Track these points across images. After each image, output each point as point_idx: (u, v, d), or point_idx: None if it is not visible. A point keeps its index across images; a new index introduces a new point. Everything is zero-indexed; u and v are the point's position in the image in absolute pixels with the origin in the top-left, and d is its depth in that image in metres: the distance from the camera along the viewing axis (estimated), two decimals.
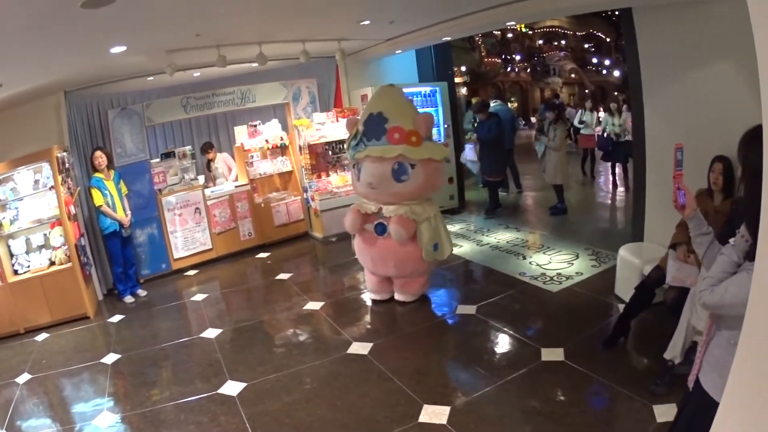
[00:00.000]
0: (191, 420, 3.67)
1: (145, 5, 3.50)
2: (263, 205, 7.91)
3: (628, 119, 8.28)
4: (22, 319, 5.58)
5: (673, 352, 3.36)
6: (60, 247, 5.81)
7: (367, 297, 5.54)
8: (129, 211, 6.30)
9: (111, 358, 4.80)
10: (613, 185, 9.87)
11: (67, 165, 6.07)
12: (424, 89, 8.53)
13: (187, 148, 7.49)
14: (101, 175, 6.05)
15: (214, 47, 5.57)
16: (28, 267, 5.78)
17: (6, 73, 4.52)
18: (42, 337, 5.49)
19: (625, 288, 4.56)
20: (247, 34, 5.47)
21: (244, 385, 4.06)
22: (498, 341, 4.45)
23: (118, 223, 6.09)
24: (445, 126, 8.59)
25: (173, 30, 4.62)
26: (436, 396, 3.65)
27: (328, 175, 8.09)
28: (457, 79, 18.97)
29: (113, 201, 6.07)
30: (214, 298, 6.22)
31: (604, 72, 29.45)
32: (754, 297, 1.24)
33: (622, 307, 4.32)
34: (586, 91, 26.17)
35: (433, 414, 3.44)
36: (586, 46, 29.96)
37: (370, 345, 4.50)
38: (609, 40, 29.06)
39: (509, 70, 26.06)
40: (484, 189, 8.88)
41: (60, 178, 5.70)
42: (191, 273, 7.14)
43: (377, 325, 5.02)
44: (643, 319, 4.16)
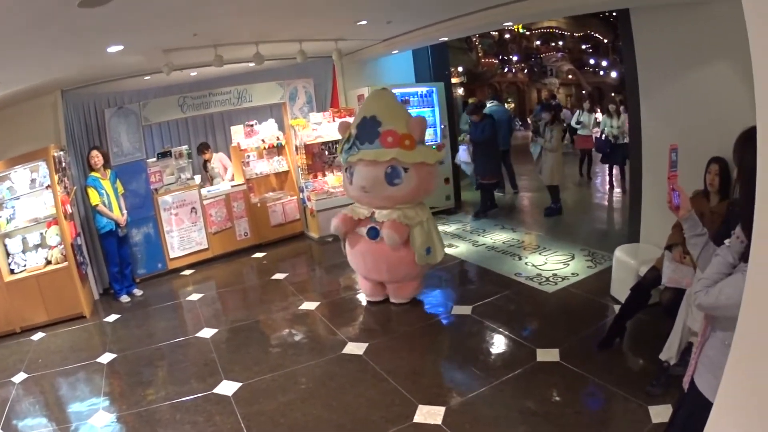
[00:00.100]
0: (186, 420, 3.68)
1: (142, 5, 3.51)
2: (259, 204, 7.91)
3: (627, 121, 8.27)
4: (18, 318, 5.58)
5: (669, 353, 3.37)
6: (56, 246, 5.81)
7: (362, 297, 5.54)
8: (125, 211, 6.29)
9: (107, 358, 4.80)
10: (609, 186, 9.87)
11: (63, 164, 6.07)
12: (420, 90, 8.51)
13: (184, 148, 7.49)
14: (98, 175, 6.04)
15: (211, 47, 5.59)
16: (25, 266, 5.78)
17: (3, 72, 4.53)
18: (38, 336, 5.49)
19: (621, 289, 4.57)
20: (244, 33, 5.49)
21: (240, 384, 4.06)
22: (493, 342, 4.45)
23: (115, 222, 6.09)
24: (442, 126, 8.58)
25: (170, 29, 4.63)
26: (431, 396, 3.66)
27: (325, 175, 8.10)
28: (454, 80, 18.94)
29: (109, 200, 6.07)
30: (210, 297, 6.22)
31: (602, 73, 29.37)
32: (747, 298, 1.24)
33: (617, 308, 4.32)
34: (583, 92, 26.13)
35: (428, 414, 3.45)
36: (584, 47, 29.89)
37: (366, 345, 4.51)
38: (606, 41, 28.96)
39: (506, 70, 26.01)
40: (478, 191, 8.89)
41: (57, 177, 5.69)
42: (187, 273, 7.14)
43: (372, 325, 5.03)
44: (638, 320, 4.15)
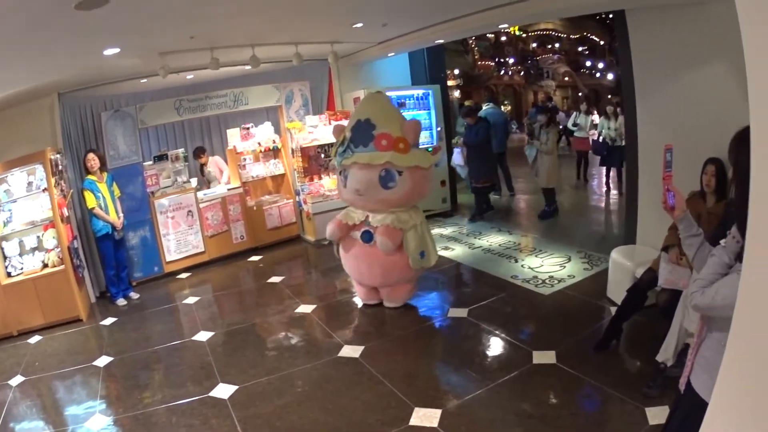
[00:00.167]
0: (183, 423, 3.68)
1: (139, 7, 3.52)
2: (255, 208, 7.92)
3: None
4: (15, 321, 5.58)
5: (666, 354, 3.36)
6: (53, 249, 5.82)
7: (358, 300, 5.55)
8: (121, 214, 6.29)
9: (103, 361, 4.81)
10: (606, 189, 9.88)
11: (60, 167, 6.08)
12: (416, 92, 8.54)
13: (180, 151, 7.49)
14: (94, 178, 6.05)
15: (207, 49, 5.59)
16: (21, 269, 5.78)
17: (0, 75, 4.53)
18: (35, 339, 5.50)
19: (617, 291, 4.56)
20: (240, 36, 5.49)
21: (236, 388, 4.07)
22: (489, 344, 4.46)
23: (111, 225, 6.10)
24: (438, 129, 8.60)
25: (166, 32, 4.64)
26: (427, 399, 3.66)
27: (321, 178, 8.11)
28: (450, 82, 18.97)
29: (106, 203, 6.07)
30: (207, 301, 6.23)
31: (598, 75, 29.45)
32: (741, 298, 1.24)
33: (614, 310, 4.33)
34: (580, 94, 26.18)
35: (425, 417, 3.45)
36: (580, 49, 29.96)
37: (362, 348, 4.52)
38: (603, 43, 29.07)
39: (503, 73, 26.03)
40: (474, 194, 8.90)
41: (53, 180, 5.70)
42: (183, 276, 7.14)
43: (368, 328, 5.03)
44: (635, 322, 4.16)
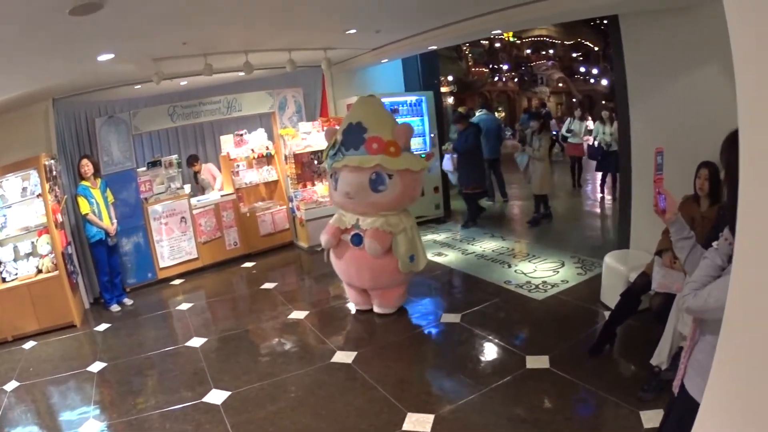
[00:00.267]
0: (176, 429, 3.70)
1: (133, 13, 3.55)
2: (249, 214, 7.93)
3: None
4: (9, 326, 5.59)
5: (660, 358, 3.37)
6: (47, 255, 5.82)
7: (351, 306, 5.56)
8: (115, 220, 6.30)
9: (97, 367, 4.82)
10: (601, 194, 9.88)
11: (54, 173, 6.10)
12: (410, 98, 8.57)
13: (174, 157, 7.51)
14: (88, 184, 6.06)
15: (200, 56, 5.63)
16: (16, 275, 5.78)
17: None
18: (29, 345, 5.49)
19: (611, 295, 4.58)
20: (233, 42, 5.53)
21: (229, 393, 4.09)
22: (482, 349, 4.48)
23: (104, 231, 6.11)
24: (431, 135, 8.64)
25: (160, 38, 4.67)
26: (420, 404, 3.67)
27: (314, 184, 8.14)
28: (444, 89, 19.02)
29: (99, 209, 6.09)
30: (200, 307, 6.24)
31: (592, 81, 29.54)
32: (731, 300, 1.24)
33: (607, 314, 4.34)
34: (574, 100, 26.26)
35: (417, 422, 3.46)
36: (574, 55, 30.11)
37: (354, 354, 4.54)
38: (597, 49, 29.19)
39: (497, 79, 26.12)
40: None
41: (47, 186, 5.72)
42: (177, 282, 7.15)
43: (361, 333, 5.06)
44: (628, 326, 4.17)
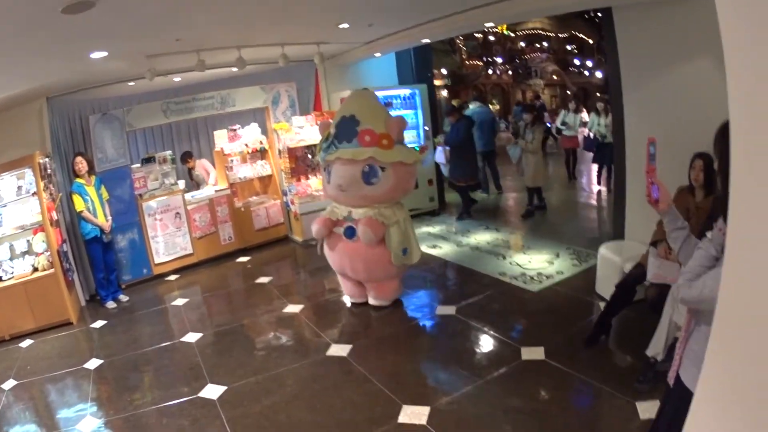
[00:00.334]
0: (173, 424, 3.74)
1: (125, 11, 3.55)
2: (243, 209, 7.95)
3: None
4: (6, 325, 5.60)
5: (656, 348, 3.38)
6: (42, 253, 5.83)
7: (346, 299, 5.59)
8: (110, 217, 6.32)
9: (94, 364, 4.84)
10: (598, 186, 9.91)
11: (49, 171, 6.10)
12: (403, 92, 8.55)
13: (168, 153, 7.50)
14: (82, 181, 6.07)
15: (193, 52, 5.62)
16: (12, 273, 5.79)
17: None
18: (26, 343, 5.52)
19: (606, 286, 4.61)
20: (226, 38, 5.50)
21: (225, 388, 4.12)
22: (478, 341, 4.50)
23: (99, 228, 6.12)
24: (425, 128, 8.63)
25: (153, 35, 4.66)
26: (415, 396, 3.69)
27: (308, 178, 8.16)
28: (438, 82, 18.99)
29: (94, 206, 6.10)
30: (195, 302, 6.27)
31: (587, 73, 29.51)
32: (723, 289, 1.21)
33: (603, 306, 4.34)
34: (568, 92, 26.25)
35: (413, 414, 3.48)
36: (569, 47, 30.05)
37: (350, 347, 4.56)
38: (591, 41, 29.14)
39: (491, 72, 26.09)
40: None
41: (42, 184, 5.73)
42: (172, 278, 7.17)
43: (357, 327, 5.08)
44: (624, 317, 4.17)
